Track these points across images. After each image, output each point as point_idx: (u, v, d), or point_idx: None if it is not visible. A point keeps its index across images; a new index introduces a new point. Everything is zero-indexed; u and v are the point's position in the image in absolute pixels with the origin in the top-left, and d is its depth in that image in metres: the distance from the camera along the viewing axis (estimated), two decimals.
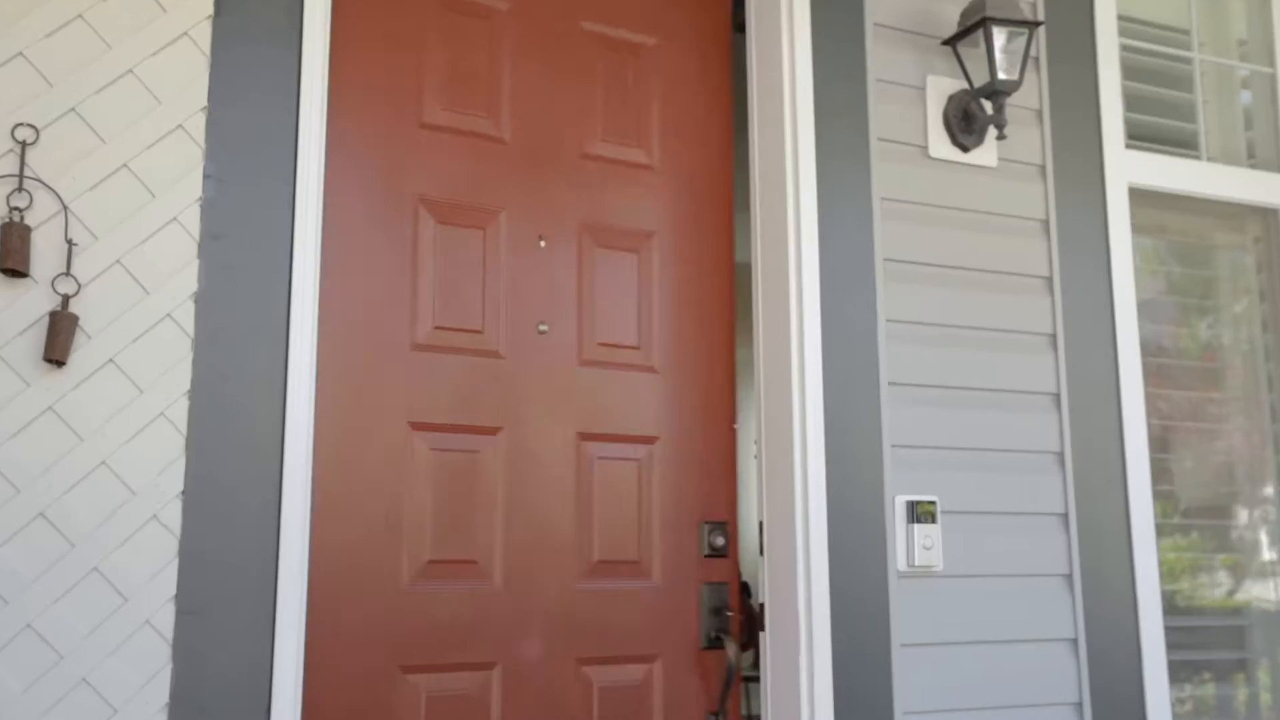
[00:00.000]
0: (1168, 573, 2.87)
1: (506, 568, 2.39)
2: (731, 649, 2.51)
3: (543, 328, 2.51)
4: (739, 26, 2.89)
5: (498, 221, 2.51)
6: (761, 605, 2.49)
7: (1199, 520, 2.93)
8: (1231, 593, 2.96)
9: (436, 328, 2.40)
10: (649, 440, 2.59)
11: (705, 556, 2.60)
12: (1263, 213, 3.02)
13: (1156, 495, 2.79)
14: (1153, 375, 2.88)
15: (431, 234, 2.42)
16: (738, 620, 2.59)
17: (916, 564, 2.43)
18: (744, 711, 7.27)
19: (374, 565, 2.26)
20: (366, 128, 2.35)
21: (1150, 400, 2.82)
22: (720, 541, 2.61)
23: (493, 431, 2.43)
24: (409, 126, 2.41)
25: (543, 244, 2.53)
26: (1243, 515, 2.99)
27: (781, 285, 2.50)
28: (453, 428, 2.39)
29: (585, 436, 2.52)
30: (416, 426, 2.35)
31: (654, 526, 2.56)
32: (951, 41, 2.61)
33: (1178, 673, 2.78)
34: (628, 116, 2.68)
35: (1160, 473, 2.85)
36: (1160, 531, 2.81)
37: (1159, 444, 2.88)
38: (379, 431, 2.31)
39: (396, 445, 2.32)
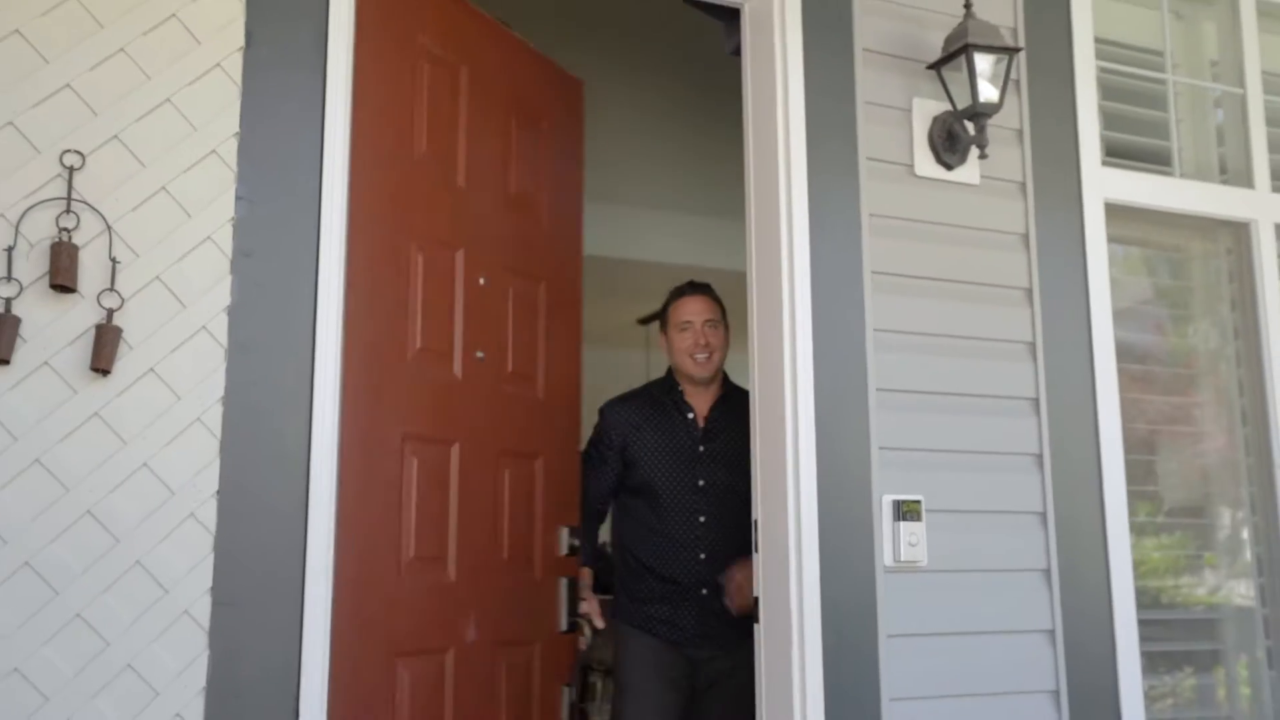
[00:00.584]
0: (1151, 570, 3.02)
1: (457, 564, 2.64)
2: (587, 631, 3.06)
3: (479, 355, 2.76)
4: (734, 50, 3.04)
5: (457, 257, 2.72)
6: (756, 599, 2.64)
7: (1178, 519, 3.08)
8: (1208, 589, 3.10)
9: (421, 349, 2.58)
10: (535, 456, 2.93)
11: (564, 555, 3.00)
12: (1234, 226, 3.17)
13: (1140, 495, 2.94)
14: (1138, 381, 3.02)
15: (419, 261, 2.60)
16: (580, 608, 3.08)
17: (902, 559, 2.58)
18: None
19: (379, 561, 2.43)
20: (375, 158, 2.48)
21: (1132, 405, 2.97)
22: (576, 543, 3.06)
23: (451, 443, 2.66)
24: (405, 161, 2.57)
25: (482, 282, 2.79)
26: (1219, 515, 3.14)
27: (775, 296, 2.65)
28: (428, 439, 2.60)
29: (502, 451, 2.81)
30: (407, 436, 2.53)
31: (536, 530, 2.90)
32: (936, 66, 2.76)
33: (1158, 663, 2.93)
34: (530, 175, 3.00)
35: (1142, 474, 3.00)
36: (1143, 530, 2.97)
37: (1144, 446, 3.02)
38: (385, 439, 2.46)
39: (395, 452, 2.49)
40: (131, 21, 2.12)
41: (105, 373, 2.01)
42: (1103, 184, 2.97)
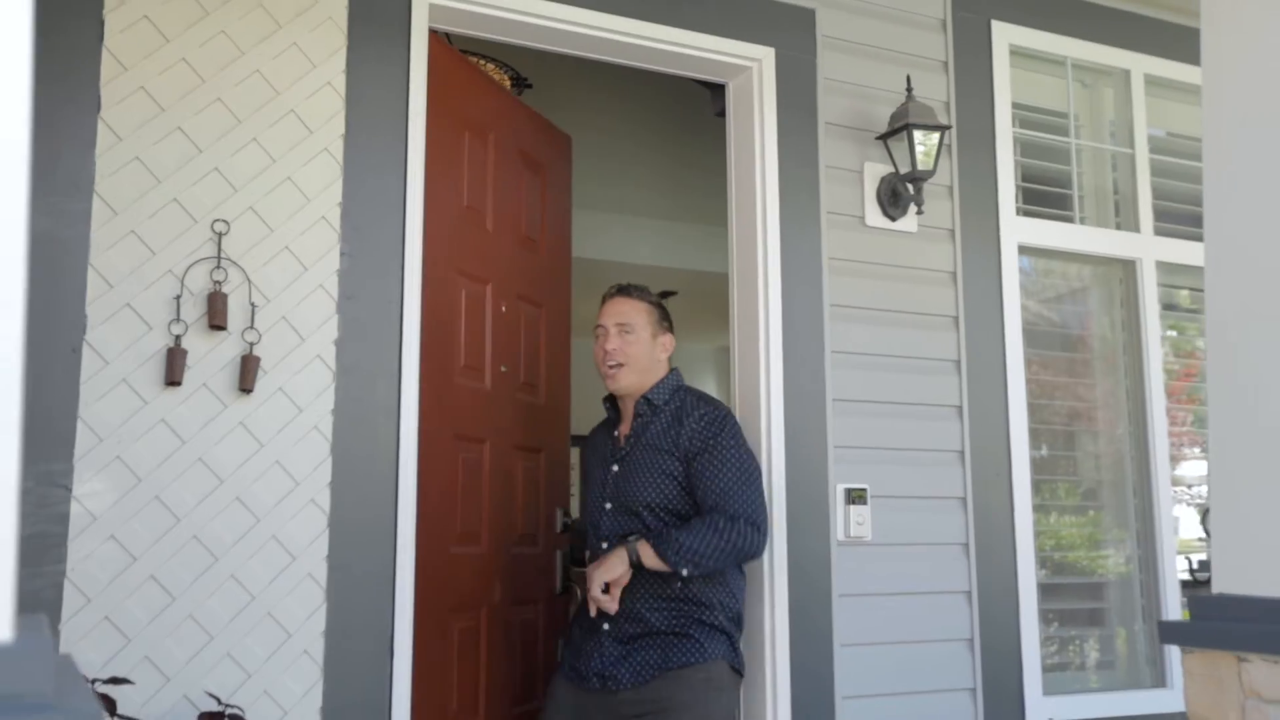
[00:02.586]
0: (1056, 544, 3.72)
1: (489, 538, 3.27)
2: (579, 593, 3.32)
3: (503, 368, 3.39)
4: (719, 112, 3.68)
5: (487, 289, 3.35)
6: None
7: (1075, 502, 3.78)
8: (1105, 559, 3.81)
9: (464, 365, 3.19)
10: (538, 450, 3.58)
11: (559, 531, 3.62)
12: (1124, 263, 3.86)
13: (1055, 482, 3.65)
14: (1049, 387, 3.72)
15: (463, 295, 3.21)
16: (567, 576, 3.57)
17: (852, 535, 3.25)
18: None
19: (439, 535, 3.04)
20: (440, 216, 3.06)
21: (1043, 408, 3.66)
22: (569, 521, 3.66)
23: (484, 441, 3.28)
24: (456, 213, 3.16)
25: (504, 309, 3.42)
26: (1107, 498, 3.84)
27: (752, 325, 3.30)
28: (469, 438, 3.21)
29: (517, 447, 3.45)
30: (456, 436, 3.13)
31: (539, 510, 3.54)
32: (883, 137, 3.41)
33: (1055, 619, 3.63)
34: (534, 217, 3.63)
35: (1049, 465, 3.71)
36: (1047, 510, 3.68)
37: (1060, 441, 3.72)
38: (444, 439, 3.07)
39: (450, 449, 3.10)
40: (262, 117, 2.72)
41: (248, 391, 2.62)
42: (1017, 230, 3.65)
